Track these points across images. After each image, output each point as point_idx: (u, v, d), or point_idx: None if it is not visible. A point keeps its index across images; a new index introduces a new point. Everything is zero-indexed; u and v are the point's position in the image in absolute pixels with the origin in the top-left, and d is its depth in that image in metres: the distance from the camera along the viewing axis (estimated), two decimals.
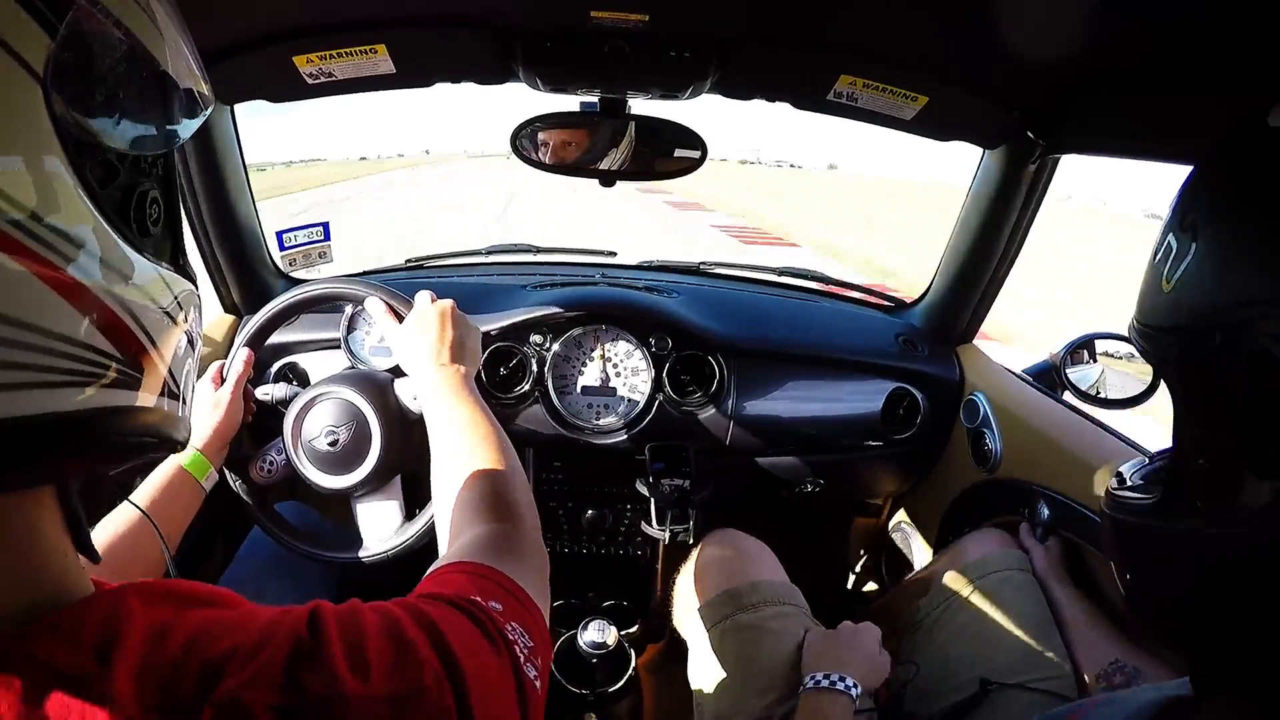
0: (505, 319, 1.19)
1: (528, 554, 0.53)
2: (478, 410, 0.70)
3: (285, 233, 1.32)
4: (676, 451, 1.19)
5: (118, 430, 0.30)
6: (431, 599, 0.40)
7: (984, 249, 1.18)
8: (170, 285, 0.35)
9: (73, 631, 0.28)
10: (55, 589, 0.30)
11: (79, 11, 0.28)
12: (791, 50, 0.92)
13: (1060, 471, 1.03)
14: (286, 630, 0.32)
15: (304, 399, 0.91)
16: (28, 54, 0.26)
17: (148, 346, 0.32)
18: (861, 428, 1.28)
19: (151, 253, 0.34)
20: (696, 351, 1.22)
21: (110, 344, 0.29)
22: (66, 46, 0.27)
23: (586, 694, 0.99)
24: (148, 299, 0.32)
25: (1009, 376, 1.26)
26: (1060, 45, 0.79)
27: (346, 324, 1.12)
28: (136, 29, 0.31)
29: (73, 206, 0.28)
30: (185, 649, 0.30)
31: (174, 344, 0.35)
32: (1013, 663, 0.87)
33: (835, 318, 1.44)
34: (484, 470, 0.61)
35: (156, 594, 0.32)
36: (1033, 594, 0.95)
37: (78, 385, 0.28)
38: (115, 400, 0.30)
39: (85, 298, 0.28)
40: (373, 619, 0.35)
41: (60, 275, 0.27)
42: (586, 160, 1.05)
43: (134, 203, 0.33)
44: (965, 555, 1.03)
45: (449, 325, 0.80)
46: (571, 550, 1.30)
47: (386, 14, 0.88)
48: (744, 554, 1.03)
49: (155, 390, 0.33)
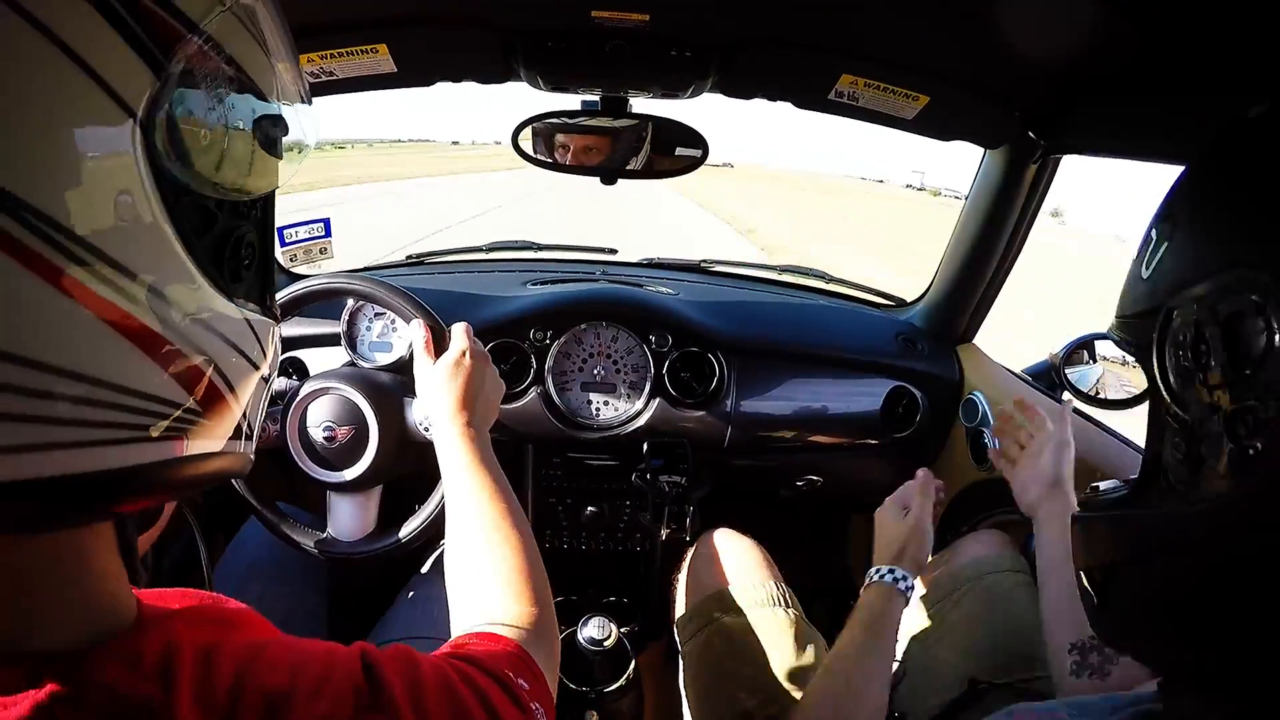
0: (506, 315, 1.19)
1: (550, 643, 0.55)
2: (499, 479, 0.68)
3: (286, 228, 1.32)
4: (675, 449, 1.19)
5: (185, 477, 0.30)
6: (469, 662, 0.41)
7: (984, 248, 1.18)
8: (256, 330, 0.34)
9: (133, 658, 0.28)
10: (111, 615, 0.30)
11: (186, 48, 0.26)
12: (793, 50, 0.92)
13: None
14: (343, 671, 0.33)
15: (311, 387, 0.90)
16: (127, 93, 0.24)
17: (226, 395, 0.31)
18: (861, 426, 1.28)
19: (242, 297, 0.33)
20: (696, 349, 1.22)
21: (187, 395, 0.29)
22: (170, 85, 0.25)
23: (587, 691, 1.00)
24: (232, 348, 0.31)
25: (1008, 376, 1.26)
26: (1061, 45, 0.79)
27: (347, 320, 1.12)
28: (247, 61, 0.30)
29: (165, 257, 0.27)
30: (237, 677, 0.30)
31: (251, 386, 0.34)
32: (1003, 663, 0.87)
33: (835, 316, 1.45)
34: (514, 550, 0.60)
35: (194, 617, 0.33)
36: (1026, 597, 0.94)
37: (148, 440, 0.27)
38: (185, 450, 0.29)
39: (166, 351, 0.27)
40: (428, 672, 0.37)
41: (139, 326, 0.26)
42: (587, 158, 1.05)
43: (229, 249, 0.31)
44: (961, 557, 1.03)
45: (480, 377, 0.78)
46: (570, 546, 1.30)
47: (387, 14, 0.88)
48: (733, 555, 1.02)
49: (226, 434, 0.33)
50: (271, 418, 0.92)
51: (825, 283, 1.54)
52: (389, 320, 1.14)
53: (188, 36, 0.26)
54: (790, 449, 1.28)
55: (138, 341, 0.26)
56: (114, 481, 0.26)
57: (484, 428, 0.75)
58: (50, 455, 0.24)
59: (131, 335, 0.25)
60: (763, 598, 0.95)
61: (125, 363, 0.25)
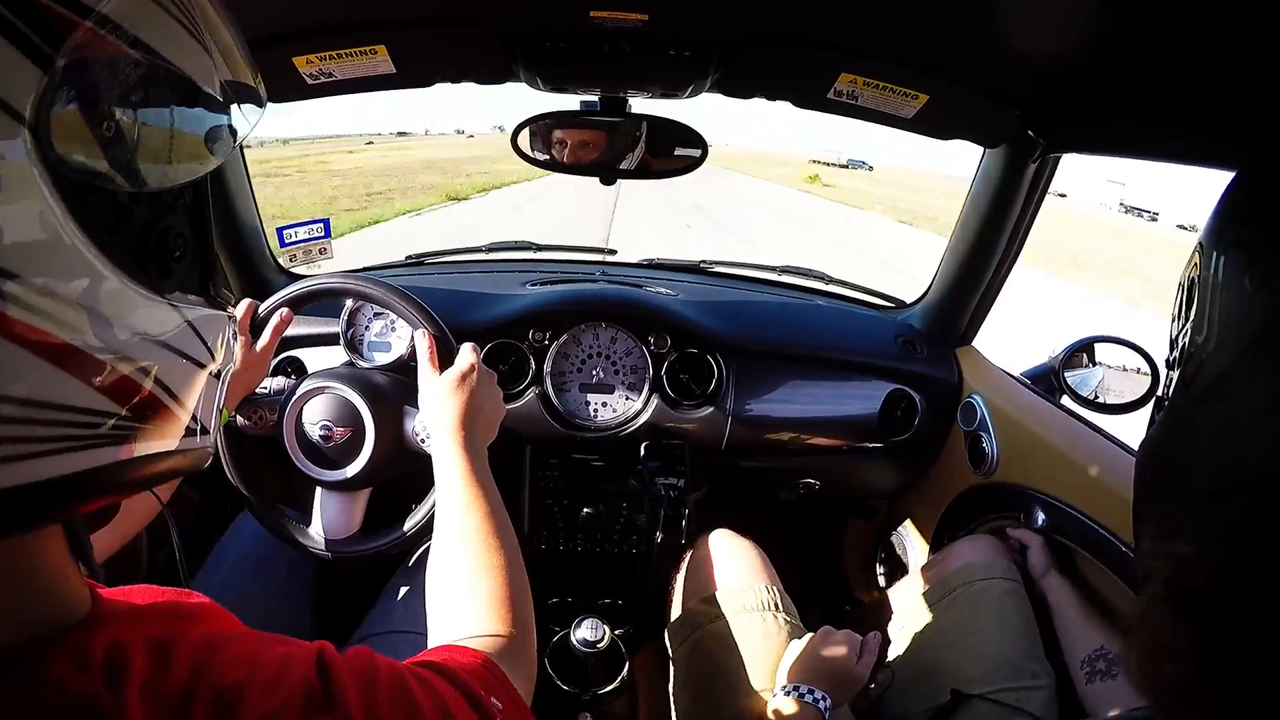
0: (505, 315, 1.19)
1: (527, 664, 0.54)
2: (493, 499, 0.68)
3: (286, 229, 1.32)
4: (672, 451, 1.19)
5: (130, 479, 0.29)
6: (433, 670, 0.40)
7: (984, 249, 1.17)
8: (197, 326, 0.32)
9: (80, 655, 0.28)
10: (62, 612, 0.29)
11: (80, 36, 0.24)
12: (792, 49, 0.91)
13: (1056, 477, 1.03)
14: (298, 670, 0.33)
15: (310, 385, 0.90)
16: (11, 94, 0.22)
17: (166, 400, 0.30)
18: (859, 429, 1.27)
19: (177, 289, 0.31)
20: (695, 350, 1.22)
21: (117, 404, 0.27)
22: (63, 80, 0.23)
23: (580, 693, 0.99)
24: (167, 350, 0.30)
25: (1007, 379, 1.25)
26: (1060, 44, 0.79)
27: (346, 319, 1.12)
28: (163, 43, 0.28)
29: (74, 262, 0.25)
30: (192, 673, 0.29)
31: (198, 387, 0.33)
32: (983, 673, 0.87)
33: (835, 318, 1.44)
34: (500, 572, 0.60)
35: (149, 615, 0.32)
36: (1016, 604, 0.94)
37: (82, 449, 0.26)
38: (127, 454, 0.28)
39: (86, 363, 0.25)
40: (384, 676, 0.36)
41: (55, 342, 0.24)
42: (584, 154, 1.05)
43: (152, 244, 0.29)
44: (953, 561, 1.03)
45: (482, 397, 0.78)
46: (566, 548, 1.30)
47: (387, 15, 0.88)
48: (729, 558, 1.02)
49: (175, 435, 0.31)
50: (270, 407, 0.92)
51: (824, 284, 1.54)
52: (388, 321, 1.14)
53: (79, 23, 0.24)
54: (788, 451, 1.28)
55: (56, 359, 0.24)
56: (55, 490, 0.25)
57: (482, 447, 0.75)
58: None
59: (48, 353, 0.24)
60: (753, 602, 0.95)
61: (47, 381, 0.24)
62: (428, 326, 0.87)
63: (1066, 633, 0.92)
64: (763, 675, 0.87)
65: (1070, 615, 0.92)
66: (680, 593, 1.04)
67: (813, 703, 0.78)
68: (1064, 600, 0.94)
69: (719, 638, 0.93)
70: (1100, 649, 0.87)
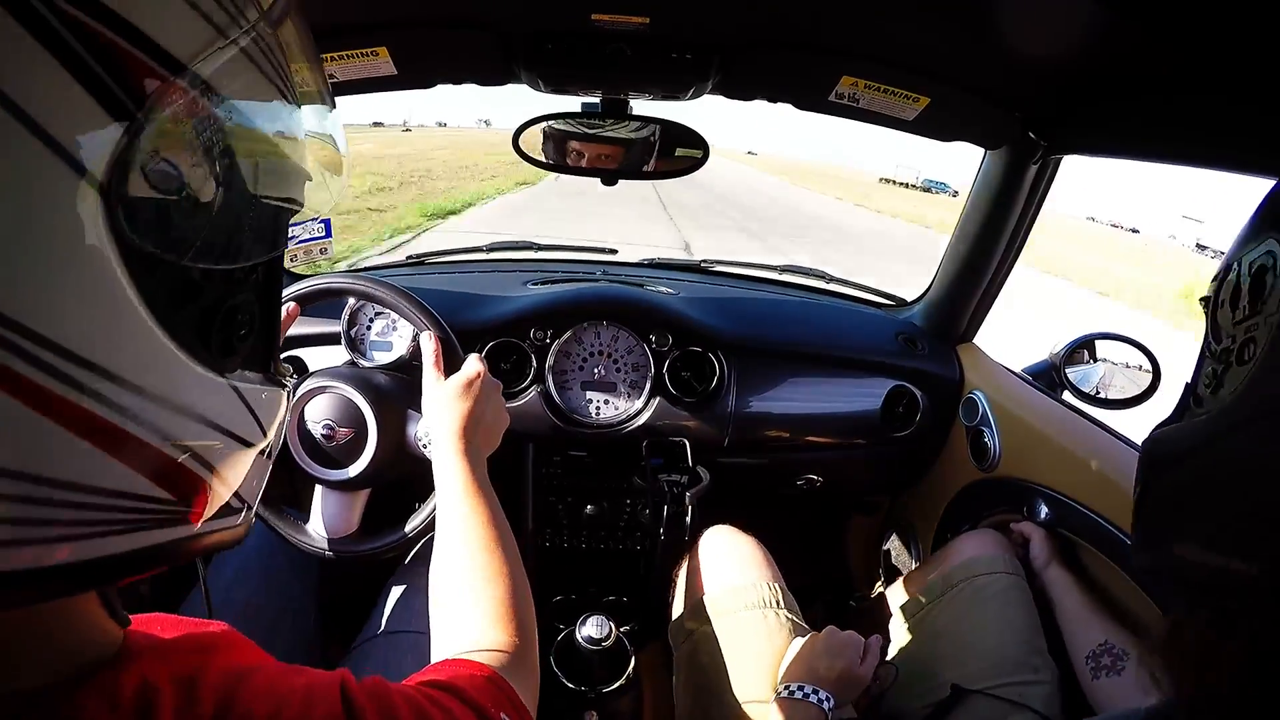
0: (506, 314, 1.19)
1: (531, 674, 0.55)
2: (493, 506, 0.68)
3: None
4: (674, 448, 1.19)
5: (167, 558, 0.28)
6: (444, 690, 0.41)
7: (985, 249, 1.18)
8: (252, 405, 0.30)
9: (112, 696, 0.27)
10: (93, 651, 0.29)
11: (165, 95, 0.21)
12: (793, 52, 0.91)
13: (1059, 470, 1.04)
14: (323, 703, 0.33)
15: (312, 384, 0.90)
16: (84, 151, 0.20)
17: (211, 482, 0.28)
18: (861, 425, 1.28)
19: (238, 368, 0.29)
20: (697, 348, 1.22)
21: (165, 491, 0.26)
22: (141, 138, 0.21)
23: (586, 691, 1.00)
24: (219, 433, 0.28)
25: (1008, 376, 1.26)
26: (1061, 46, 0.79)
27: (347, 319, 1.12)
28: (253, 103, 0.25)
29: (134, 340, 0.23)
30: (218, 708, 0.29)
31: (245, 466, 0.31)
32: (983, 668, 0.88)
33: (836, 315, 1.45)
34: (501, 580, 0.60)
35: (172, 650, 0.32)
36: (1019, 599, 0.95)
37: (122, 533, 0.25)
38: (168, 537, 0.27)
39: (136, 450, 0.24)
40: (400, 701, 0.37)
41: (110, 428, 0.22)
42: (588, 159, 1.05)
43: (218, 322, 0.27)
44: (955, 556, 1.03)
45: (486, 406, 0.77)
46: (570, 545, 1.31)
47: (388, 17, 0.88)
48: (732, 555, 1.03)
49: (215, 513, 0.30)
50: None
51: (825, 282, 1.54)
52: (390, 320, 1.14)
53: (169, 79, 0.22)
54: (790, 448, 1.29)
55: (107, 446, 0.23)
56: (86, 572, 0.24)
57: (483, 455, 0.75)
58: (21, 550, 0.22)
59: (99, 440, 0.22)
60: (754, 600, 0.95)
61: (93, 465, 0.23)
62: (434, 329, 0.87)
63: (1069, 627, 0.92)
64: (765, 673, 0.88)
65: (1072, 609, 0.93)
66: (682, 591, 1.04)
67: (817, 703, 0.79)
68: (1066, 594, 0.95)
69: (721, 635, 0.93)
70: (1104, 643, 0.86)
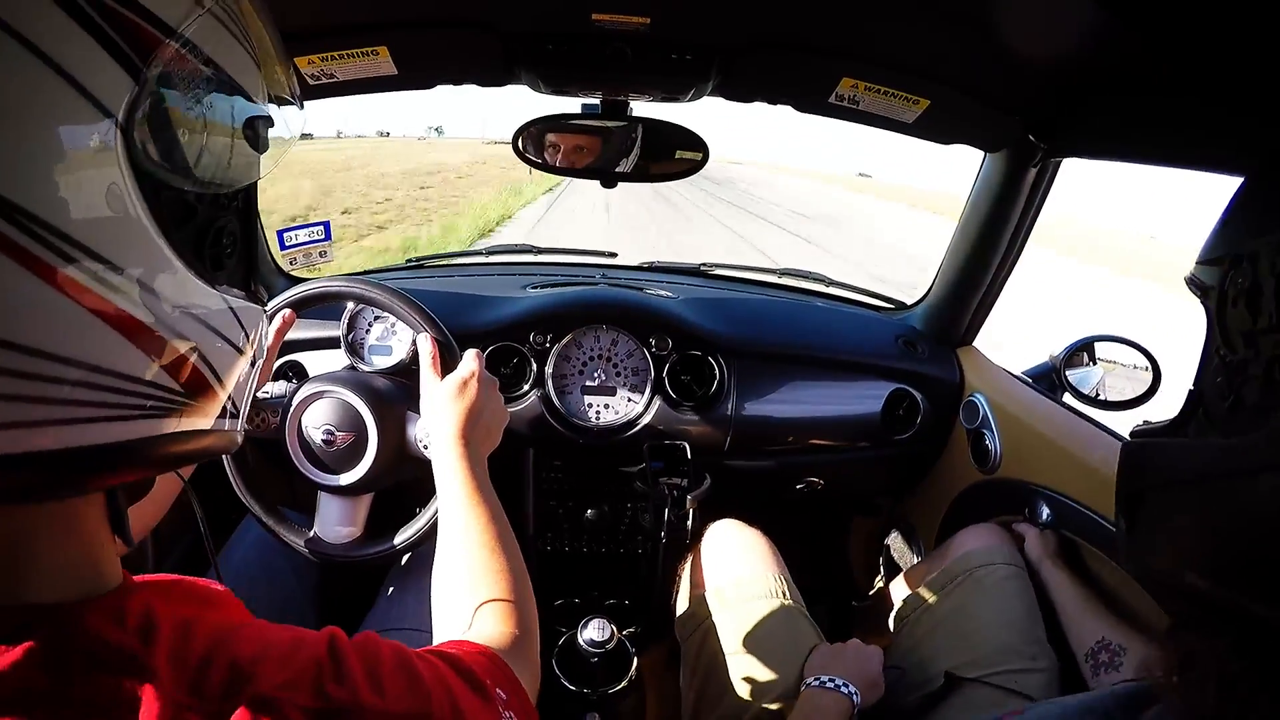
0: (506, 318, 1.19)
1: (531, 666, 0.55)
2: (494, 506, 0.68)
3: (286, 231, 1.32)
4: (675, 451, 1.19)
5: (173, 453, 0.32)
6: (440, 656, 0.42)
7: (985, 251, 1.18)
8: (239, 315, 0.35)
9: (117, 614, 0.30)
10: (98, 577, 0.32)
11: (164, 53, 0.28)
12: (793, 53, 0.92)
13: (1059, 472, 1.04)
14: (310, 648, 0.35)
15: (312, 389, 0.89)
16: (107, 98, 0.26)
17: (211, 380, 0.33)
18: (861, 428, 1.28)
19: (225, 283, 0.34)
20: (697, 352, 1.22)
21: (173, 380, 0.30)
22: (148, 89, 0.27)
23: (588, 693, 0.99)
24: (216, 335, 0.33)
25: (1009, 378, 1.26)
26: (1061, 49, 0.80)
27: (347, 323, 1.12)
28: (227, 60, 0.31)
29: (147, 250, 0.28)
30: (210, 647, 0.32)
31: (237, 372, 0.36)
32: (980, 657, 0.88)
33: (835, 319, 1.45)
34: (502, 576, 0.61)
35: (175, 593, 0.35)
36: (1017, 589, 0.95)
37: (136, 419, 0.29)
38: (173, 428, 0.31)
39: (152, 340, 0.29)
40: (387, 651, 0.38)
41: (128, 317, 0.27)
42: (588, 161, 1.05)
43: (209, 239, 0.33)
44: (954, 550, 1.04)
45: (484, 403, 0.77)
46: (571, 549, 1.30)
47: (389, 17, 0.88)
48: (737, 547, 1.03)
49: (213, 414, 0.35)
50: (272, 410, 0.91)
51: (825, 286, 1.54)
52: (389, 324, 1.13)
53: (165, 41, 0.28)
54: (791, 451, 1.28)
55: (126, 332, 0.27)
56: (106, 456, 0.28)
57: (483, 452, 0.75)
58: (46, 431, 0.26)
59: (120, 326, 0.27)
60: (761, 590, 0.96)
61: (116, 351, 0.27)
62: (430, 331, 0.87)
63: (1069, 625, 0.92)
64: (774, 661, 0.88)
65: (1069, 606, 0.93)
66: (688, 584, 1.04)
67: (847, 694, 0.80)
68: (1062, 590, 0.95)
69: (733, 624, 0.93)
70: (1101, 640, 0.86)
